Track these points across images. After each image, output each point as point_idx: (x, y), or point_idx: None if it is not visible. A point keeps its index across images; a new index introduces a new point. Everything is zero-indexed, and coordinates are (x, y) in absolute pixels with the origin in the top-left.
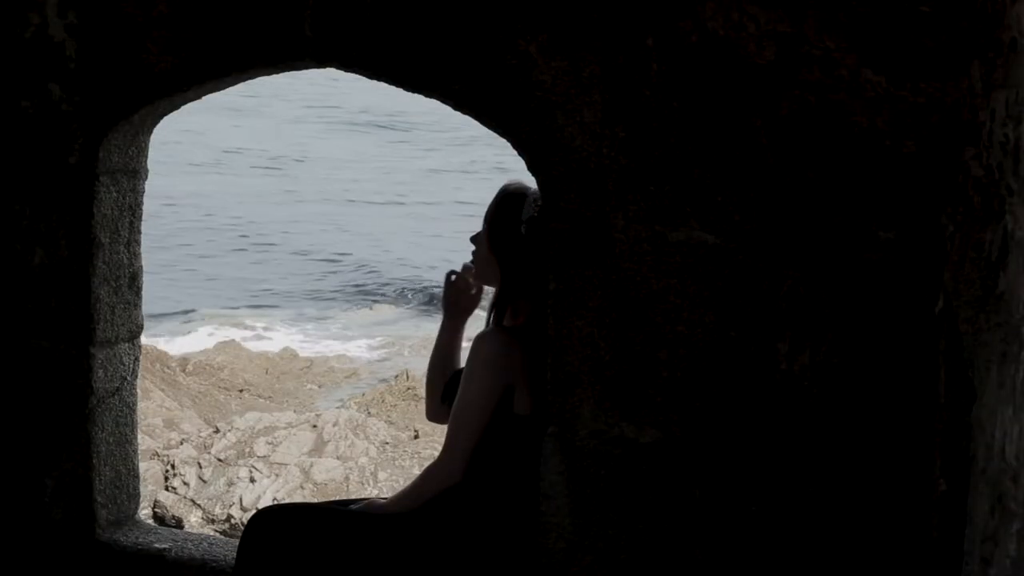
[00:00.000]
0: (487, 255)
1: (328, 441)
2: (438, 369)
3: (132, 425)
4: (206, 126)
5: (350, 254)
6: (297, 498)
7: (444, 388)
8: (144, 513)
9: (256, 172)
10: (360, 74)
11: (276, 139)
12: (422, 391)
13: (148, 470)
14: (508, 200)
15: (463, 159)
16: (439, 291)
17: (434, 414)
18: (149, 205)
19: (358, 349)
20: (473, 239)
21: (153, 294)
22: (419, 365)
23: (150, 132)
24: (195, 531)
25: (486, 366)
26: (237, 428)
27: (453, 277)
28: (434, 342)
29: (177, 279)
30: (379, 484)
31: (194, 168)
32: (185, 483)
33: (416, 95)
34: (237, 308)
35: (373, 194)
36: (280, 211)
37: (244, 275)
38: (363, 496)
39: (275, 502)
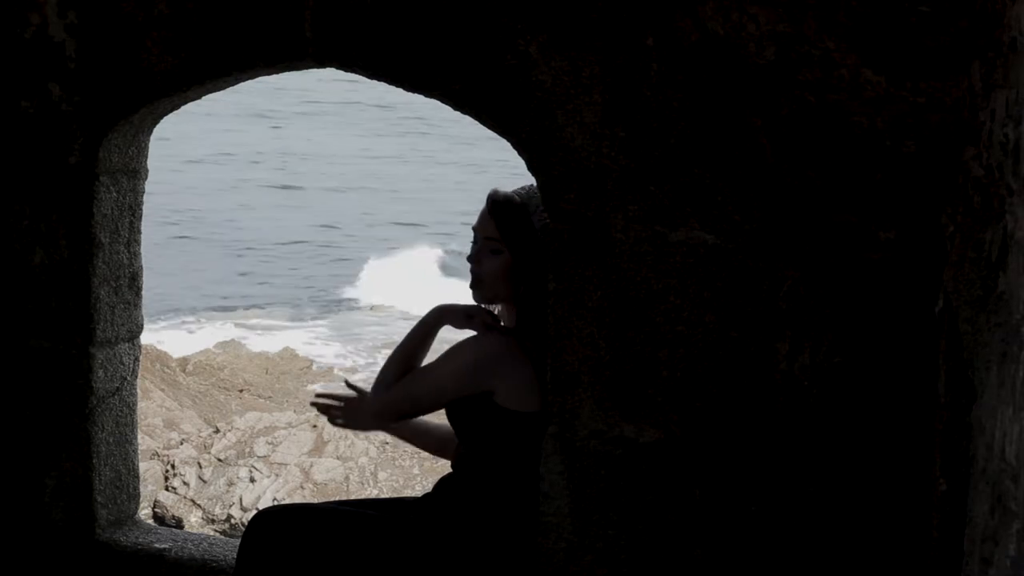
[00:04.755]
0: (502, 271)
1: (328, 441)
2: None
3: (132, 425)
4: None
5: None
6: (297, 498)
7: (449, 413)
8: (144, 513)
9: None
10: (360, 74)
11: None
12: None
13: (148, 470)
14: (518, 210)
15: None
16: None
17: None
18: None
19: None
20: (476, 257)
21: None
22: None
23: (150, 132)
24: (195, 531)
25: (473, 366)
26: (237, 428)
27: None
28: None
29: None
30: (379, 484)
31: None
32: (185, 483)
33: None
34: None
35: None
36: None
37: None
38: (363, 496)
39: (275, 502)
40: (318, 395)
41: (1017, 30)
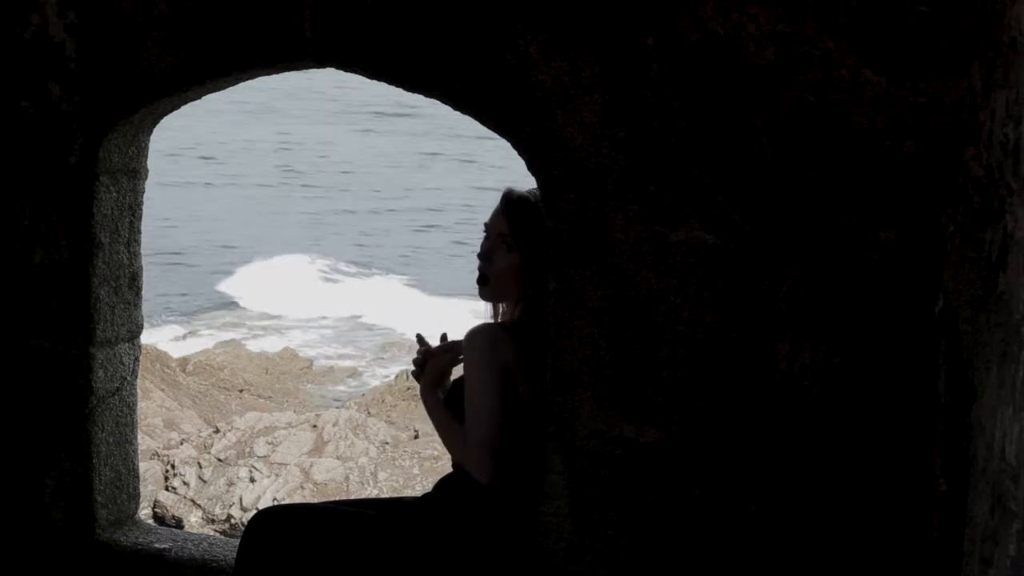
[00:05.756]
0: (511, 268)
1: (328, 441)
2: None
3: (132, 425)
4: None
5: None
6: (297, 498)
7: (446, 399)
8: (144, 513)
9: None
10: (360, 74)
11: None
12: None
13: (148, 470)
14: (532, 210)
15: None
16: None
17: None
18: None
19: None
20: (487, 255)
21: None
22: None
23: (150, 132)
24: (195, 531)
25: (483, 353)
26: (237, 428)
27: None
28: (431, 409)
29: None
30: (379, 484)
31: None
32: (185, 483)
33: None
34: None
35: None
36: None
37: None
38: (363, 496)
39: (275, 502)
40: (419, 336)
41: (1017, 30)
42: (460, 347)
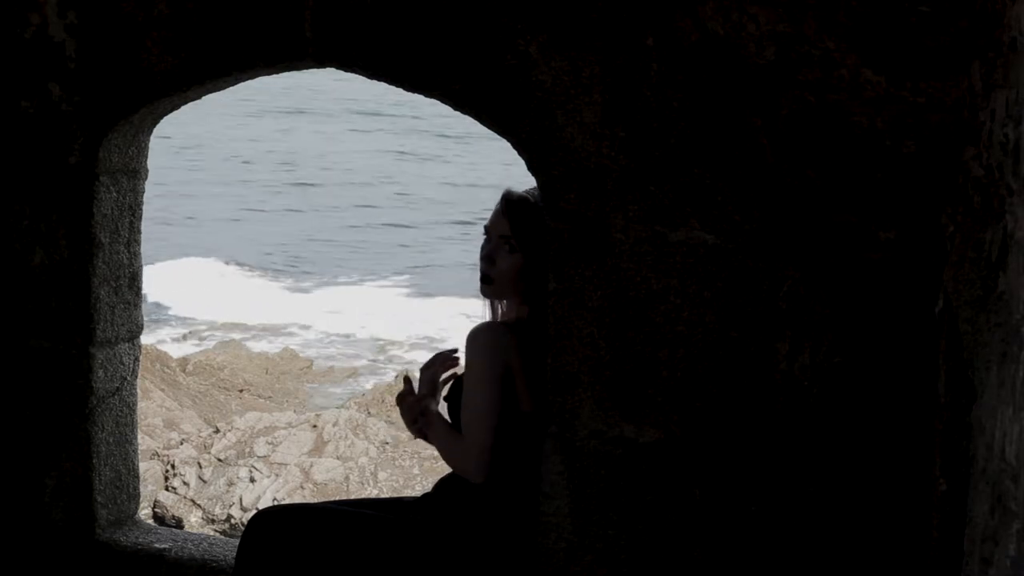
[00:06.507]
0: (515, 270)
1: (328, 441)
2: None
3: (132, 425)
4: None
5: None
6: (297, 498)
7: (448, 395)
8: (144, 513)
9: None
10: (360, 74)
11: None
12: None
13: (148, 470)
14: (533, 210)
15: None
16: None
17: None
18: None
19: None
20: (489, 256)
21: None
22: (419, 362)
23: (150, 132)
24: (195, 531)
25: (485, 351)
26: (237, 428)
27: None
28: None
29: None
30: (379, 484)
31: None
32: (185, 483)
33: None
34: None
35: None
36: None
37: None
38: (363, 496)
39: (275, 502)
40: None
41: (1017, 30)
42: (443, 369)
